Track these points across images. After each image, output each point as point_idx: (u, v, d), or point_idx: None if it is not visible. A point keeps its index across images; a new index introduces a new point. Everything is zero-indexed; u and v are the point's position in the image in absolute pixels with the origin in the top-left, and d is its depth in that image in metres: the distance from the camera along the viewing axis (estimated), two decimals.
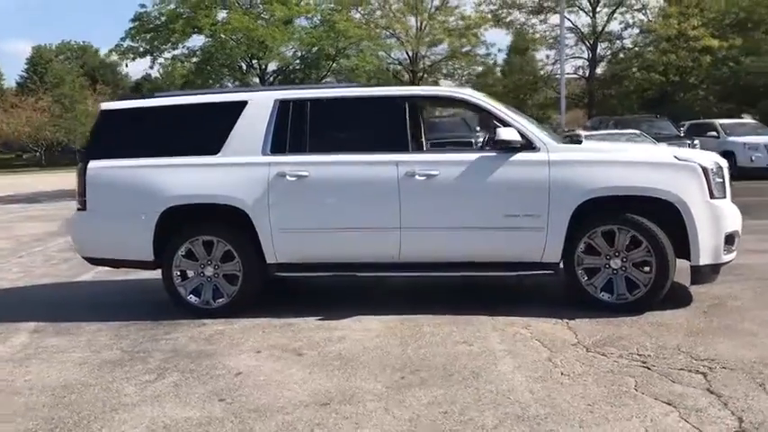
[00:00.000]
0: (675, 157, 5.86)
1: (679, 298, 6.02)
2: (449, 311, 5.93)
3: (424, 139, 7.04)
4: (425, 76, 31.23)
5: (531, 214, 5.78)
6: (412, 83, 29.48)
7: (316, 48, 23.63)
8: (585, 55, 30.37)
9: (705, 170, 5.70)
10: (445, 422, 3.73)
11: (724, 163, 6.02)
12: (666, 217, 5.70)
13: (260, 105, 6.24)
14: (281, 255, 6.11)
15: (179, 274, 6.29)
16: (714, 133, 21.68)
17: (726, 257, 5.82)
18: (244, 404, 4.12)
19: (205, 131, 6.33)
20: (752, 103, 31.58)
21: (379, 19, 29.29)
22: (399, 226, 5.94)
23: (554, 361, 4.65)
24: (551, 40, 30.12)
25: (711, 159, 5.92)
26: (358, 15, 27.63)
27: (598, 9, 29.10)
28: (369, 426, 3.73)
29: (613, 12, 29.44)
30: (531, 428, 3.61)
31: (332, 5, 25.61)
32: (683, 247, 5.70)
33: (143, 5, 24.24)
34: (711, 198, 5.69)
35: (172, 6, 23.58)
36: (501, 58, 37.44)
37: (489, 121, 6.70)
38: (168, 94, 6.89)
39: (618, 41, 31.07)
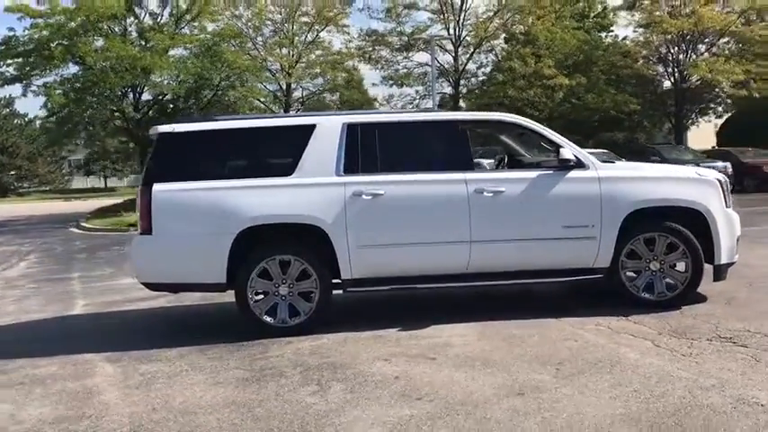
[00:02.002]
0: (697, 173, 6.88)
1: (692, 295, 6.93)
2: (512, 317, 6.45)
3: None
4: (301, 107, 31.73)
5: (587, 225, 6.50)
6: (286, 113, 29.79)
7: (199, 78, 23.18)
8: (448, 90, 32.36)
9: (721, 183, 6.76)
10: (648, 397, 4.26)
11: (726, 178, 7.12)
12: (692, 225, 6.64)
13: (329, 128, 6.47)
14: (357, 270, 6.34)
15: (252, 294, 6.31)
16: None
17: (735, 257, 6.89)
18: (445, 399, 4.39)
19: (277, 153, 6.46)
20: (590, 135, 35.18)
21: (251, 50, 29.36)
22: (470, 239, 6.41)
23: (662, 347, 5.34)
24: (417, 77, 31.84)
25: (720, 175, 7.00)
26: (231, 47, 27.44)
27: (459, 50, 31.27)
28: (588, 405, 4.18)
29: (472, 54, 31.77)
30: (726, 395, 4.23)
31: (209, 36, 25.37)
32: (706, 250, 6.67)
33: (11, 29, 22.68)
34: (726, 207, 6.75)
35: (45, 33, 22.18)
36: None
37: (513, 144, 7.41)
38: (229, 118, 6.90)
39: (473, 78, 33.50)
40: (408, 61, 31.69)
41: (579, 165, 6.59)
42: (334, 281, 6.42)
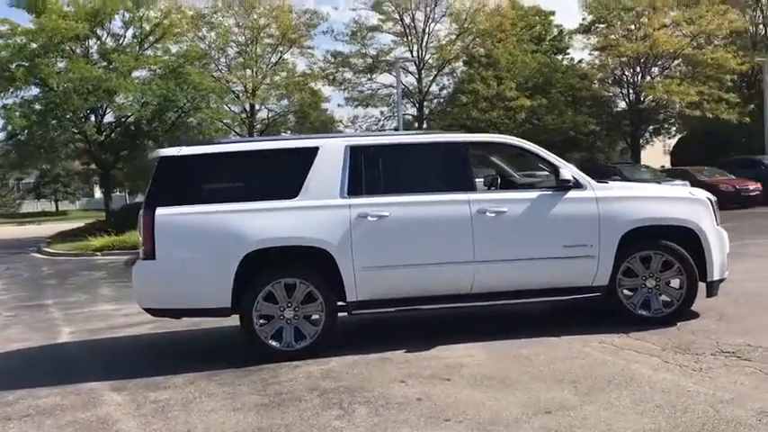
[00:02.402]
0: (690, 193, 7.09)
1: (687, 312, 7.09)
2: (513, 336, 6.51)
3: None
4: (267, 129, 31.61)
5: (585, 244, 6.62)
6: (250, 135, 29.63)
7: (164, 100, 22.89)
8: (412, 112, 32.70)
9: (711, 202, 6.97)
10: (673, 413, 4.35)
11: (715, 197, 7.34)
12: (684, 242, 6.82)
13: (332, 151, 6.48)
14: (362, 292, 6.34)
15: (258, 318, 6.24)
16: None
17: (726, 273, 7.09)
18: (475, 420, 4.41)
19: (281, 176, 6.43)
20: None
21: (215, 71, 29.19)
22: (473, 259, 6.47)
23: (671, 362, 5.46)
24: (381, 98, 32.12)
25: (709, 194, 7.22)
26: (196, 68, 27.20)
27: (423, 72, 31.71)
28: (618, 421, 4.25)
29: (435, 76, 32.25)
30: (748, 408, 4.35)
31: (174, 57, 25.17)
32: (698, 266, 6.86)
33: None
34: (716, 225, 6.96)
35: (5, 54, 21.69)
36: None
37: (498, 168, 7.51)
38: (232, 141, 6.86)
39: (436, 100, 33.90)
40: (373, 83, 31.95)
41: (577, 185, 6.72)
42: (339, 303, 6.40)
